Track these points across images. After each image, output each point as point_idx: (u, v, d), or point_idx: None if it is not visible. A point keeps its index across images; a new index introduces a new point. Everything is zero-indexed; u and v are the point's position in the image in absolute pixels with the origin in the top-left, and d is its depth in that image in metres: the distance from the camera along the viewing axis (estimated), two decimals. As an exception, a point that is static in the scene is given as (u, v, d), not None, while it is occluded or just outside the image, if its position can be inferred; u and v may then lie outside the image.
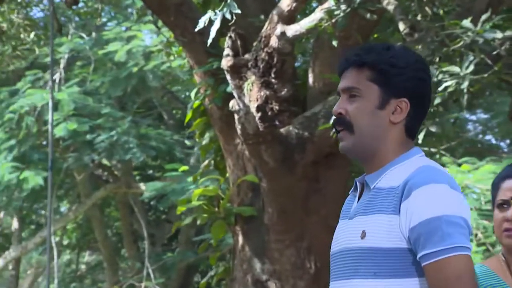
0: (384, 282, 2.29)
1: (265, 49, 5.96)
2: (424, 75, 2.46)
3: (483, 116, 15.14)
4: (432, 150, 10.03)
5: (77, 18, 13.10)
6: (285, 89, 5.96)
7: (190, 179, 12.27)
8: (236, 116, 6.40)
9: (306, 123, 6.58)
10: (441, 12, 6.74)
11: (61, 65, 12.66)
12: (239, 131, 6.44)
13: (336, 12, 5.56)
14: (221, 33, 7.11)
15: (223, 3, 4.85)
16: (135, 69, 12.40)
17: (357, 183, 2.48)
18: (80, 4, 11.46)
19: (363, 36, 6.64)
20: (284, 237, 6.77)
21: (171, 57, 9.78)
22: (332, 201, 6.82)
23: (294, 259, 6.76)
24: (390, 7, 6.30)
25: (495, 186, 2.99)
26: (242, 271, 6.98)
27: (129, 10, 14.32)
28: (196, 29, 5.14)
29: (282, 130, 6.45)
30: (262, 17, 6.74)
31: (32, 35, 8.97)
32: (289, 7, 5.87)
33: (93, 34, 13.49)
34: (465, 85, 5.09)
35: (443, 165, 11.83)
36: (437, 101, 5.27)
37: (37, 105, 11.99)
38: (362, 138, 2.38)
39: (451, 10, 6.92)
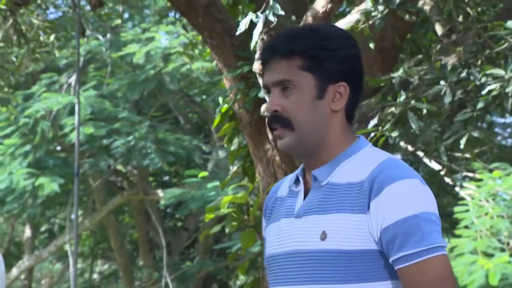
0: (353, 287, 2.15)
1: (299, 52, 5.96)
2: (357, 51, 2.32)
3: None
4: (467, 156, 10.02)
5: (92, 19, 13.13)
6: (320, 93, 5.96)
7: (209, 185, 12.33)
8: (267, 121, 6.43)
9: (340, 128, 6.60)
10: (476, 13, 6.76)
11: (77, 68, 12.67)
12: (270, 136, 6.46)
13: (373, 14, 5.57)
14: (250, 36, 7.15)
15: (264, 5, 4.86)
16: (152, 72, 12.44)
17: (300, 178, 2.31)
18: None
19: (401, 35, 6.66)
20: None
21: (192, 59, 9.82)
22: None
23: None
24: (426, 7, 6.32)
25: None
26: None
27: (146, 11, 14.38)
28: (238, 32, 5.15)
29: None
30: (294, 18, 6.74)
31: (52, 37, 9.00)
32: (324, 8, 5.88)
33: (108, 35, 13.54)
34: (510, 88, 5.09)
35: (473, 171, 11.84)
36: (480, 105, 5.27)
37: (53, 109, 12.04)
38: (304, 133, 2.23)
39: (488, 10, 6.93)
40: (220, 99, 7.25)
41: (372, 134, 5.73)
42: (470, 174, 10.78)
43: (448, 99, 5.31)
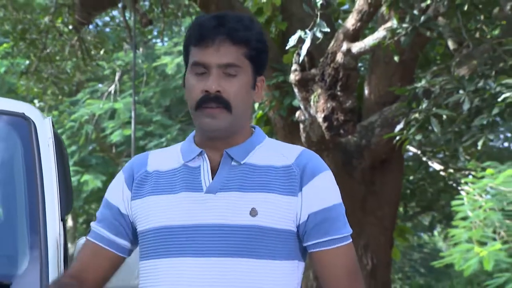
0: (276, 263, 2.06)
1: (332, 65, 6.01)
2: None
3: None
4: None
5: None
6: (350, 101, 6.01)
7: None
8: (301, 126, 6.48)
9: (364, 132, 6.65)
10: (482, 30, 6.79)
11: (116, 77, 12.76)
12: (303, 139, 6.52)
13: (398, 31, 5.60)
14: (282, 50, 7.21)
15: (312, 23, 4.89)
16: (178, 82, 12.52)
17: (205, 155, 2.10)
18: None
19: (416, 50, 6.71)
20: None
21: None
22: (387, 203, 6.89)
23: (352, 255, 6.80)
24: (440, 24, 6.35)
25: None
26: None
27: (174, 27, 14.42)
28: (287, 47, 5.19)
29: (341, 138, 6.51)
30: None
31: (102, 51, 9.08)
32: (353, 26, 5.92)
33: (141, 49, 13.63)
34: (523, 97, 5.12)
35: (463, 169, 11.87)
36: (495, 111, 5.30)
37: (95, 114, 12.15)
38: (238, 117, 2.07)
39: (494, 27, 6.96)
40: (256, 105, 7.28)
41: (398, 137, 5.78)
42: (466, 172, 10.77)
43: (467, 106, 5.33)
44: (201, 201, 2.05)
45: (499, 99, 5.20)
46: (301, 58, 5.22)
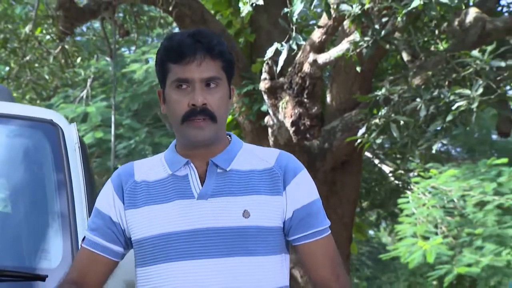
0: (269, 258, 2.12)
1: (299, 74, 6.10)
2: None
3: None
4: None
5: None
6: (315, 107, 6.10)
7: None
8: (270, 130, 6.56)
9: (326, 136, 6.75)
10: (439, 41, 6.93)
11: (88, 83, 12.72)
12: (271, 142, 6.60)
13: (360, 44, 5.69)
14: (251, 60, 7.30)
15: (287, 36, 4.96)
16: (145, 88, 12.57)
17: (192, 164, 2.13)
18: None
19: (375, 60, 6.84)
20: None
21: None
22: (347, 202, 7.03)
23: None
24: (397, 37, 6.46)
25: None
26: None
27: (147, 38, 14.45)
28: (265, 58, 5.25)
29: (306, 142, 6.60)
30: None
31: (78, 59, 9.09)
32: (319, 39, 6.00)
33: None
34: (475, 105, 5.25)
35: (411, 170, 12.07)
36: (449, 118, 5.43)
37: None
38: (221, 126, 2.11)
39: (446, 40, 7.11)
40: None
41: (359, 141, 5.89)
42: (415, 173, 10.96)
43: (423, 113, 5.46)
44: (194, 207, 2.09)
45: (453, 107, 5.33)
46: (278, 69, 5.29)
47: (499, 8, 7.52)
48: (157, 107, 14.00)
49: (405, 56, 6.53)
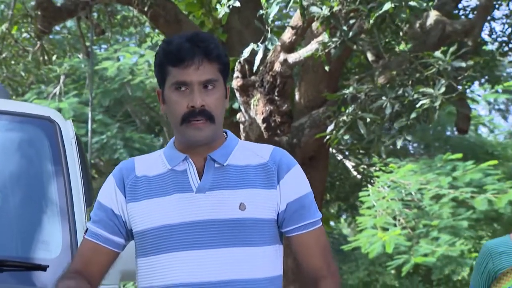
0: (265, 249, 2.16)
1: (270, 73, 6.15)
2: None
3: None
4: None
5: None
6: (286, 105, 6.16)
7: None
8: (241, 126, 6.60)
9: (295, 132, 6.81)
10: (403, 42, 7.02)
11: (61, 80, 12.65)
12: (243, 138, 6.64)
13: (328, 44, 5.75)
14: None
15: (262, 37, 5.00)
16: (116, 84, 12.54)
17: (190, 160, 2.16)
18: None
19: (341, 60, 6.91)
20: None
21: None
22: (314, 195, 7.08)
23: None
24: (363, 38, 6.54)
25: None
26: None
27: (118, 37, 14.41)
28: (241, 58, 5.29)
29: (276, 138, 6.65)
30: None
31: (54, 57, 9.06)
32: (289, 39, 6.06)
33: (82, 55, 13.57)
34: (437, 103, 5.35)
35: (373, 164, 12.21)
36: (413, 115, 5.52)
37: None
38: (218, 126, 2.14)
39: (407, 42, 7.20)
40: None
41: (328, 137, 5.96)
42: (377, 168, 11.07)
43: (388, 111, 5.55)
44: (193, 200, 2.12)
45: (417, 105, 5.43)
46: (255, 68, 5.33)
47: (456, 11, 7.65)
48: (128, 103, 13.98)
49: (369, 56, 6.61)
